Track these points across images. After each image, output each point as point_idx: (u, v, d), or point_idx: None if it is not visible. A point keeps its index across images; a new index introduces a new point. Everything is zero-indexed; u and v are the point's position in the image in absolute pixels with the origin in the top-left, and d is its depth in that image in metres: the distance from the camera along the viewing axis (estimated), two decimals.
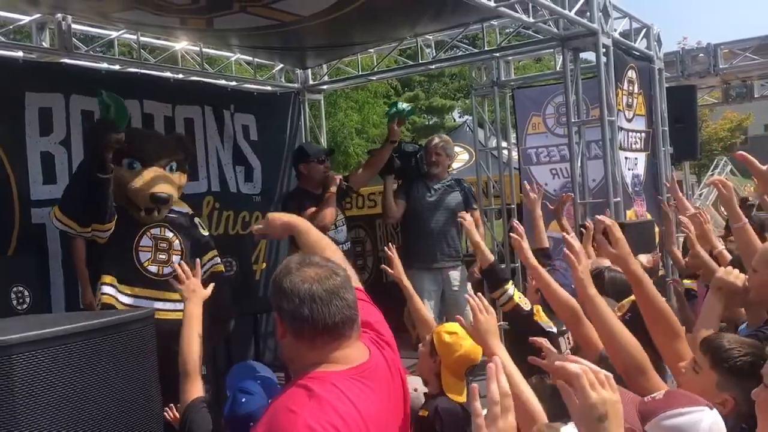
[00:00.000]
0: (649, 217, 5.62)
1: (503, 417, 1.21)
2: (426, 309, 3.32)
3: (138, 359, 2.22)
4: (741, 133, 28.50)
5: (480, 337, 2.09)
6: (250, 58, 6.43)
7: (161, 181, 3.83)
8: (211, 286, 2.62)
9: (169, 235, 3.92)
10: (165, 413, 2.61)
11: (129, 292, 3.74)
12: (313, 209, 4.75)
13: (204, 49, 5.94)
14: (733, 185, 2.98)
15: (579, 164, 5.22)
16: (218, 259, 4.21)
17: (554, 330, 3.34)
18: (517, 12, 4.70)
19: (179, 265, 2.61)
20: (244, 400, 1.99)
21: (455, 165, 9.12)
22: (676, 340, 2.23)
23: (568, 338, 3.39)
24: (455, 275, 5.41)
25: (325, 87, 7.18)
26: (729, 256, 3.34)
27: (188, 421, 2.10)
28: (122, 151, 3.78)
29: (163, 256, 3.88)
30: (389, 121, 5.33)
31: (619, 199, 5.15)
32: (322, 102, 7.25)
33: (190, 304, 2.43)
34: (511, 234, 2.77)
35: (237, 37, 5.58)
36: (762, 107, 17.55)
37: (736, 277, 2.47)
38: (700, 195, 13.81)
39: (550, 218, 5.73)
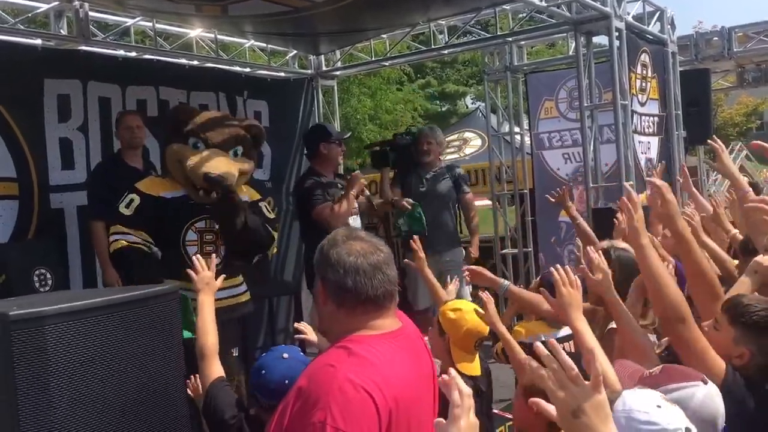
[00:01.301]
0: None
1: (465, 416, 1.31)
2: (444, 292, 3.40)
3: (163, 331, 2.34)
4: (757, 117, 28.16)
5: (562, 310, 2.15)
6: (264, 45, 6.47)
7: (219, 162, 3.70)
8: (221, 278, 2.79)
9: (217, 226, 3.85)
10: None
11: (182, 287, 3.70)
12: (329, 204, 4.65)
13: (218, 36, 5.98)
14: (748, 168, 2.97)
15: (591, 148, 5.24)
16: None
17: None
18: None
19: (196, 257, 2.74)
20: (265, 371, 2.10)
21: (468, 150, 9.19)
22: (715, 301, 2.29)
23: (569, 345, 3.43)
24: (448, 255, 5.55)
25: (338, 73, 7.20)
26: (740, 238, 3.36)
27: (212, 398, 2.25)
28: (190, 131, 3.73)
29: (211, 248, 3.82)
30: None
31: (632, 182, 5.17)
32: (335, 88, 7.28)
33: (202, 294, 2.59)
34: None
35: (251, 23, 5.61)
36: None
37: None
38: (715, 180, 13.69)
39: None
